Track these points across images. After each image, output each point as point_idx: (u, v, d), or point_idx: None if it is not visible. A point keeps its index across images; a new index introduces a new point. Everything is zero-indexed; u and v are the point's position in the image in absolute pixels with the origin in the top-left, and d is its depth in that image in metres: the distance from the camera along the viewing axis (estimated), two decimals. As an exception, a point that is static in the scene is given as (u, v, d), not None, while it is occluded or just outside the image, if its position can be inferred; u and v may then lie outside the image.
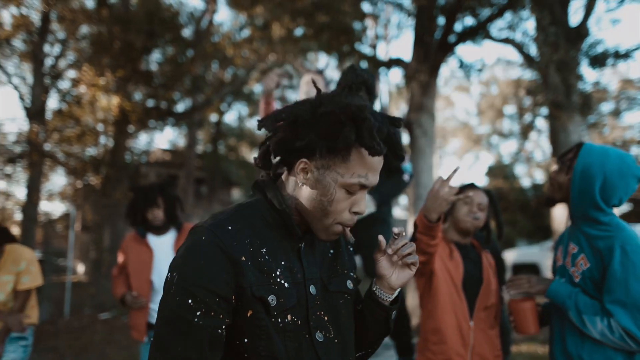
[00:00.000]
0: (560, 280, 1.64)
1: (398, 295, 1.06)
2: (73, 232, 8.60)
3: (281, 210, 0.93)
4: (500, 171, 19.40)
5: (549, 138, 6.63)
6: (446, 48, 6.28)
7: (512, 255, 9.64)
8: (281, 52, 8.19)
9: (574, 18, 6.29)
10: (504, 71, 23.21)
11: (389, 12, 11.22)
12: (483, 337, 1.85)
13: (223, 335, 0.86)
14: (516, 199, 16.61)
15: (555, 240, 2.10)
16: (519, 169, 22.48)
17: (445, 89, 24.29)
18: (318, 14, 6.64)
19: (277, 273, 0.90)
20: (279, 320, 0.89)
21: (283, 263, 0.92)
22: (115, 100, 9.43)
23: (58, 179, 20.24)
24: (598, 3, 6.01)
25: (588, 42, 5.94)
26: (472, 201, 1.91)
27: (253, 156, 1.02)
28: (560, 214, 6.18)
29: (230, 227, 0.88)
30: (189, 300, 0.83)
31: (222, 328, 0.86)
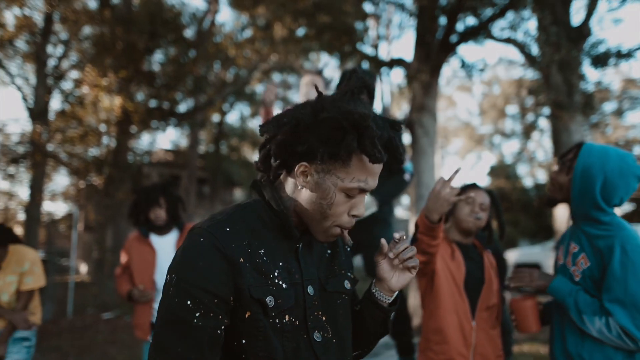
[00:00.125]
0: (561, 277, 1.64)
1: (397, 297, 1.06)
2: (76, 232, 8.62)
3: (279, 211, 0.94)
4: (502, 171, 19.38)
5: (551, 138, 6.61)
6: (448, 48, 6.26)
7: (515, 255, 9.66)
8: (283, 53, 8.20)
9: (576, 18, 6.31)
10: (506, 71, 23.20)
11: (391, 12, 11.25)
12: (485, 337, 1.85)
13: (222, 335, 0.87)
14: (518, 199, 16.60)
15: (557, 240, 2.10)
16: (521, 169, 22.46)
17: (447, 89, 24.28)
18: (320, 14, 6.63)
19: (275, 274, 0.90)
20: (277, 321, 0.89)
21: (281, 264, 0.92)
22: (117, 100, 9.44)
23: (61, 180, 20.34)
24: (600, 3, 5.99)
25: (590, 42, 5.92)
26: (474, 201, 1.90)
27: (255, 158, 1.02)
28: (562, 214, 6.16)
29: (228, 229, 0.89)
30: (188, 301, 0.83)
31: (221, 329, 0.86)
